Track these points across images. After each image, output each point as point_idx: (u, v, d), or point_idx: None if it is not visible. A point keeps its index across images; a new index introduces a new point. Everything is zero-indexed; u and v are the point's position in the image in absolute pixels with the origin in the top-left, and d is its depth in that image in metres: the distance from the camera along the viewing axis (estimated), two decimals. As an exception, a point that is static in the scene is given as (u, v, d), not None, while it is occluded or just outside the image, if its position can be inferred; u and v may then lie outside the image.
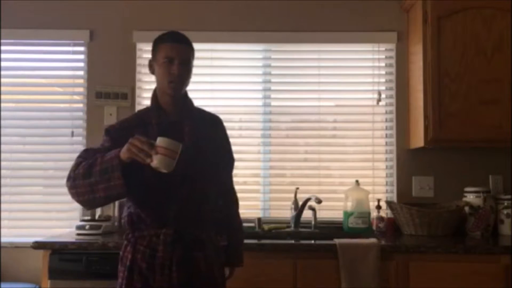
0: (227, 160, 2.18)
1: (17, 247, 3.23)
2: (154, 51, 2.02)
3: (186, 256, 1.91)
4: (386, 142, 3.40)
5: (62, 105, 3.46)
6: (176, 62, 1.95)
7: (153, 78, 3.39)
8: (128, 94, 3.36)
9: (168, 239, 1.90)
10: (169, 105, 2.00)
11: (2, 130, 3.38)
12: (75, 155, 3.41)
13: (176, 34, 2.02)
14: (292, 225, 3.18)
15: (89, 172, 1.79)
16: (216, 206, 2.11)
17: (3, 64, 3.40)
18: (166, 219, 1.92)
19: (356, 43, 3.40)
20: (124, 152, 1.74)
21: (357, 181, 3.22)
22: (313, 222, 3.21)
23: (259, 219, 3.18)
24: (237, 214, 2.27)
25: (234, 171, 3.30)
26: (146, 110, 2.05)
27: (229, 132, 3.34)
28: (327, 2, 3.38)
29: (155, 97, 2.03)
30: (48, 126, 3.43)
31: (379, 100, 3.36)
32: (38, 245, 2.66)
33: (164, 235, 1.90)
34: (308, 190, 3.27)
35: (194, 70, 3.38)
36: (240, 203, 3.31)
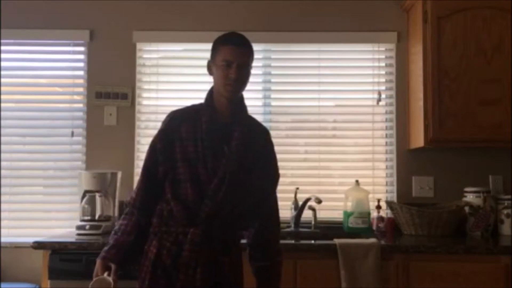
0: (270, 174, 2.14)
1: (17, 247, 3.23)
2: (213, 52, 2.02)
3: (212, 259, 1.88)
4: (386, 142, 3.40)
5: (62, 105, 3.46)
6: (234, 65, 1.93)
7: (153, 78, 3.44)
8: (128, 94, 3.36)
9: (196, 239, 1.86)
10: (223, 107, 1.98)
11: (2, 130, 3.38)
12: (75, 155, 3.46)
13: (236, 37, 2.00)
14: (292, 225, 3.18)
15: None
16: (252, 226, 2.07)
17: (3, 64, 3.40)
18: (197, 218, 1.88)
19: (356, 43, 3.40)
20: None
21: (357, 181, 3.22)
22: (313, 222, 3.21)
23: (259, 219, 3.17)
24: (277, 241, 2.15)
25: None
26: (200, 106, 2.03)
27: (229, 132, 3.40)
28: (327, 2, 3.38)
29: (210, 96, 2.02)
30: (48, 126, 3.43)
31: (379, 100, 3.36)
32: (38, 245, 2.66)
33: (192, 234, 1.86)
34: (308, 190, 3.27)
35: (194, 70, 3.45)
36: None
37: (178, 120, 1.96)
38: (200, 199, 1.88)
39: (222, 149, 1.92)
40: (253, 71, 3.39)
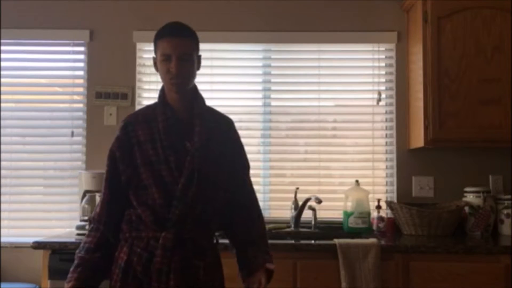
0: (240, 164, 2.01)
1: (17, 247, 3.23)
2: (154, 48, 1.91)
3: (185, 264, 1.79)
4: (386, 142, 3.40)
5: (62, 105, 3.46)
6: (173, 58, 1.82)
7: (153, 78, 3.44)
8: (128, 94, 3.36)
9: (167, 243, 1.77)
10: (177, 102, 1.89)
11: (2, 130, 3.38)
12: (75, 155, 3.46)
13: (173, 27, 1.88)
14: (292, 225, 3.18)
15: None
16: (233, 220, 1.96)
17: (3, 64, 3.40)
18: (167, 222, 1.79)
19: (356, 43, 3.40)
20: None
21: (357, 181, 3.22)
22: (313, 222, 3.21)
23: (259, 219, 3.17)
24: (264, 231, 2.02)
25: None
26: (155, 105, 1.94)
27: (229, 132, 3.40)
28: (327, 2, 3.38)
29: (162, 93, 1.93)
30: (48, 126, 3.43)
31: (379, 100, 3.36)
32: (38, 245, 2.66)
33: (164, 239, 1.77)
34: (308, 190, 3.27)
35: (194, 70, 3.45)
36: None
37: (133, 125, 1.88)
38: (169, 201, 1.79)
39: (184, 146, 1.84)
40: (253, 71, 3.46)
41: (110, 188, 1.87)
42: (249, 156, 3.31)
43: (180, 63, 1.83)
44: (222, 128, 1.97)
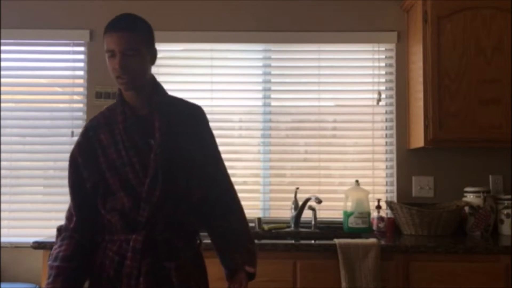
0: (210, 155, 1.88)
1: (17, 247, 3.23)
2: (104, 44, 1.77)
3: (156, 266, 1.71)
4: (386, 142, 3.40)
5: (62, 105, 3.46)
6: (117, 55, 1.70)
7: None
8: (128, 94, 3.35)
9: (137, 245, 1.69)
10: (134, 99, 1.78)
11: (2, 130, 3.38)
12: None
13: (117, 20, 1.78)
14: (292, 225, 3.18)
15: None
16: (214, 217, 1.87)
17: (3, 64, 3.40)
18: (137, 224, 1.72)
19: (356, 43, 3.40)
20: None
21: (357, 181, 3.22)
22: (313, 222, 3.21)
23: (259, 219, 3.18)
24: (245, 224, 1.92)
25: (234, 171, 3.37)
26: (115, 106, 1.83)
27: (229, 132, 3.41)
28: (327, 2, 3.38)
29: (120, 92, 1.81)
30: (48, 126, 3.43)
31: (379, 100, 3.36)
32: (38, 245, 2.66)
33: (134, 241, 1.70)
34: (308, 190, 3.27)
35: (194, 70, 3.45)
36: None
37: (95, 128, 1.79)
38: (138, 204, 1.71)
39: (147, 145, 1.74)
40: (253, 71, 3.46)
41: (77, 195, 1.78)
42: (249, 156, 3.40)
43: (125, 58, 1.70)
44: (188, 119, 1.85)
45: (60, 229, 1.83)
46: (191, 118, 1.87)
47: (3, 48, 3.40)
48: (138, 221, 1.72)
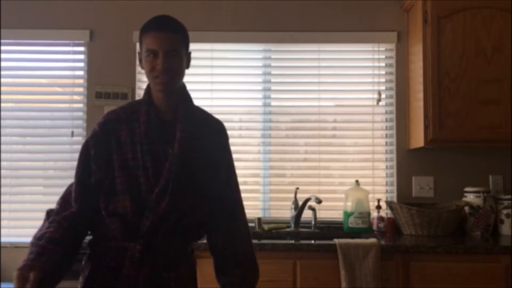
0: (222, 172, 1.82)
1: (17, 247, 3.23)
2: (140, 43, 1.75)
3: (155, 276, 1.66)
4: (386, 142, 3.40)
5: (62, 105, 3.46)
6: (160, 55, 1.66)
7: (153, 78, 3.43)
8: (128, 94, 3.36)
9: (136, 254, 1.64)
10: (162, 102, 1.73)
11: (2, 130, 3.38)
12: (75, 155, 3.44)
13: (160, 21, 1.74)
14: (292, 225, 3.18)
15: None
16: (212, 233, 1.82)
17: (3, 64, 3.40)
18: (137, 232, 1.65)
19: (356, 43, 3.40)
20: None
21: (357, 181, 3.22)
22: (313, 222, 3.21)
23: (259, 219, 3.18)
24: (250, 249, 1.84)
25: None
26: (138, 104, 1.77)
27: (229, 132, 3.39)
28: (327, 2, 3.38)
29: (148, 91, 1.76)
30: (48, 126, 3.43)
31: (379, 100, 3.36)
32: (38, 245, 2.65)
33: (132, 250, 1.64)
34: (308, 190, 3.27)
35: (194, 70, 3.45)
36: (240, 203, 3.36)
37: (114, 122, 1.72)
38: (141, 211, 1.65)
39: (165, 153, 1.68)
40: (253, 71, 3.46)
41: (80, 187, 1.69)
42: (249, 156, 3.40)
43: (167, 59, 1.67)
44: (209, 134, 1.81)
45: (49, 213, 1.76)
46: (213, 133, 1.82)
47: (3, 48, 3.40)
48: (138, 229, 1.65)
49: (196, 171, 1.72)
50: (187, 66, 1.77)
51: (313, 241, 2.80)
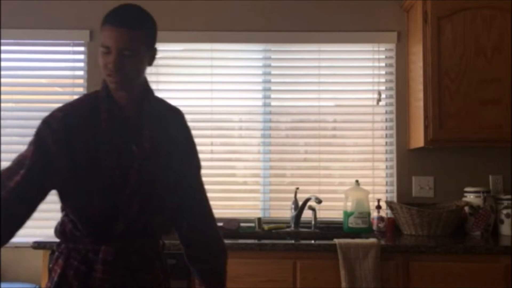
0: (190, 165, 1.77)
1: (17, 247, 3.23)
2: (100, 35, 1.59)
3: (130, 278, 1.59)
4: (386, 142, 3.40)
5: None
6: (113, 52, 1.52)
7: (153, 78, 3.43)
8: (128, 94, 3.35)
9: (108, 257, 1.56)
10: (123, 98, 1.60)
11: (2, 130, 3.38)
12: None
13: (120, 13, 1.56)
14: (292, 225, 3.18)
15: None
16: (182, 226, 1.77)
17: (3, 64, 3.40)
18: (107, 234, 1.58)
19: (356, 43, 3.40)
20: None
21: (357, 181, 3.22)
22: (313, 222, 3.21)
23: (259, 219, 3.18)
24: (218, 234, 1.83)
25: (234, 171, 3.37)
26: (95, 98, 1.61)
27: (229, 132, 3.41)
28: (327, 2, 3.38)
29: (106, 85, 1.61)
30: (48, 126, 3.43)
31: (379, 100, 3.36)
32: (38, 245, 2.66)
33: (104, 253, 1.56)
34: (308, 190, 3.27)
35: (194, 70, 3.45)
36: (240, 203, 3.37)
37: (75, 118, 1.57)
38: (111, 213, 1.57)
39: (130, 150, 1.59)
40: (253, 71, 3.46)
41: (30, 179, 1.51)
42: (249, 156, 3.40)
43: (121, 59, 1.52)
44: (175, 127, 1.72)
45: None
46: (178, 127, 1.74)
47: (3, 48, 3.40)
48: (109, 231, 1.58)
49: (164, 169, 1.65)
50: (150, 64, 1.64)
51: (313, 241, 2.80)
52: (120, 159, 1.57)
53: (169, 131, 1.69)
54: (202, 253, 1.79)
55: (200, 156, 1.83)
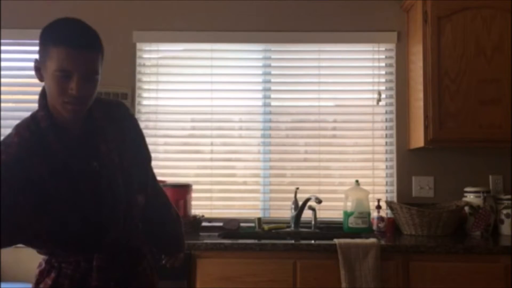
0: (143, 159, 1.76)
1: (17, 247, 3.21)
2: (41, 52, 1.51)
3: (123, 277, 1.64)
4: (386, 142, 3.40)
5: (62, 105, 3.45)
6: (75, 78, 1.42)
7: (152, 78, 3.44)
8: (128, 94, 3.36)
9: (102, 264, 1.58)
10: (70, 123, 1.54)
11: (2, 130, 3.37)
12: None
13: (74, 32, 1.45)
14: (292, 225, 3.18)
15: None
16: (148, 216, 1.80)
17: (3, 64, 3.40)
18: (98, 246, 1.59)
19: (356, 43, 3.40)
20: None
21: (357, 181, 3.22)
22: (313, 222, 3.21)
23: (259, 219, 3.18)
24: (174, 212, 1.92)
25: (234, 171, 3.37)
26: (36, 124, 1.55)
27: (229, 132, 3.42)
28: (327, 2, 3.38)
29: (46, 106, 1.55)
30: (48, 126, 3.43)
31: (379, 100, 3.36)
32: (38, 245, 2.65)
33: (97, 260, 1.58)
34: (308, 190, 3.27)
35: (194, 70, 3.46)
36: (240, 203, 3.37)
37: (23, 149, 1.48)
38: (94, 229, 1.56)
39: (91, 168, 1.54)
40: (253, 71, 3.46)
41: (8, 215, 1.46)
42: (249, 156, 3.40)
43: (84, 84, 1.44)
44: (118, 121, 1.66)
45: None
46: (121, 119, 1.68)
47: (3, 48, 3.40)
48: (98, 243, 1.58)
49: (127, 173, 1.63)
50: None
51: (313, 241, 2.80)
52: (88, 181, 1.54)
53: (117, 130, 1.64)
54: (158, 221, 1.86)
55: (200, 156, 1.84)
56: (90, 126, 1.57)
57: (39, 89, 1.67)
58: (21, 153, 1.47)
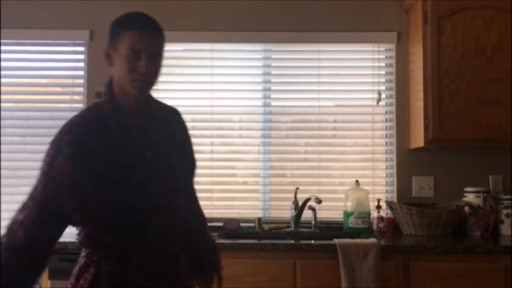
0: (190, 163, 1.82)
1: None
2: (113, 38, 1.59)
3: (161, 276, 1.65)
4: (386, 142, 3.40)
5: (62, 105, 3.46)
6: (144, 56, 1.54)
7: (153, 78, 3.43)
8: (128, 94, 3.35)
9: (143, 262, 1.61)
10: (130, 106, 1.61)
11: (2, 130, 3.38)
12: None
13: (146, 19, 1.60)
14: (292, 225, 3.18)
15: None
16: (186, 221, 1.81)
17: (3, 64, 3.40)
18: (140, 240, 1.61)
19: (356, 43, 3.40)
20: None
21: (357, 181, 3.22)
22: (313, 222, 3.21)
23: (259, 219, 3.18)
24: (209, 233, 1.93)
25: (234, 171, 3.37)
26: (98, 109, 1.61)
27: (229, 132, 3.42)
28: (327, 2, 3.38)
29: (111, 93, 1.61)
30: (48, 126, 3.42)
31: (379, 100, 3.36)
32: (38, 245, 2.66)
33: (139, 257, 1.60)
34: (308, 190, 3.27)
35: (194, 70, 3.45)
36: (240, 203, 3.38)
37: (86, 139, 1.53)
38: (139, 224, 1.58)
39: (143, 159, 1.59)
40: (253, 71, 3.47)
41: (44, 215, 1.53)
42: (249, 156, 3.40)
43: (151, 63, 1.56)
44: (174, 124, 1.76)
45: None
46: (176, 123, 1.78)
47: (3, 48, 3.40)
48: (140, 237, 1.60)
49: (178, 170, 1.70)
50: None
51: (313, 241, 2.80)
52: (140, 172, 1.58)
53: (172, 131, 1.72)
54: (196, 233, 1.85)
55: (200, 156, 1.86)
56: (148, 116, 1.65)
57: (39, 89, 1.69)
58: (83, 133, 1.55)
